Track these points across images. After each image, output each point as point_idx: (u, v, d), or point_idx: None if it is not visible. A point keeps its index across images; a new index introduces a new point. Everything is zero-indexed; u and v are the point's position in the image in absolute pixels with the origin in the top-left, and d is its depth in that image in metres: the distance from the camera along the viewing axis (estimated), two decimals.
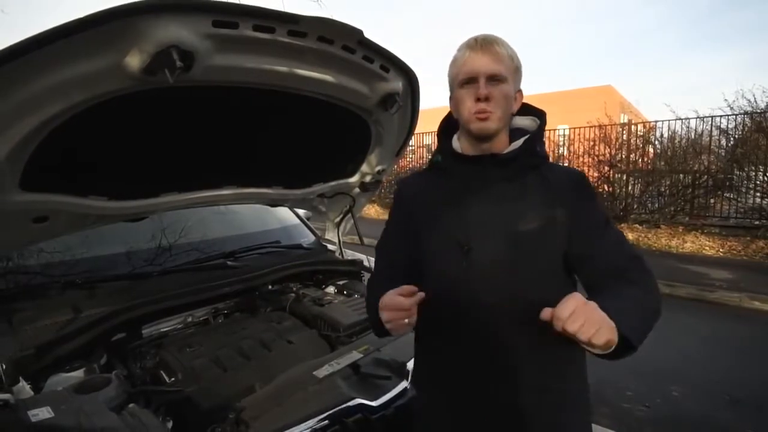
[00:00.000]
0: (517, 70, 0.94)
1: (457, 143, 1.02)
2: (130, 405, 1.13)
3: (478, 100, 0.90)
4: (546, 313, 0.75)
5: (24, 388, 1.17)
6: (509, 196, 0.94)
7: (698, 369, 3.16)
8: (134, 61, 1.01)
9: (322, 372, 1.31)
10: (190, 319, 1.73)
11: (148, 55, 1.00)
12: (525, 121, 1.04)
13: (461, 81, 0.93)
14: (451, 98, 0.99)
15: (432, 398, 1.05)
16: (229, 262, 1.97)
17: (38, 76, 0.97)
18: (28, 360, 1.24)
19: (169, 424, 1.17)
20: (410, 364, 1.41)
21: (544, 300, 0.79)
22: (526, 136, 0.99)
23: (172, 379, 1.36)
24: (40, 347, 1.27)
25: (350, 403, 1.18)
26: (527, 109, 1.04)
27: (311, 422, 1.10)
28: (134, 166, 1.44)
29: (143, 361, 1.46)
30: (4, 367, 1.17)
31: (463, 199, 0.97)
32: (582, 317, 0.71)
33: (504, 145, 0.98)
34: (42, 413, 1.00)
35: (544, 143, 1.02)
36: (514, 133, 1.01)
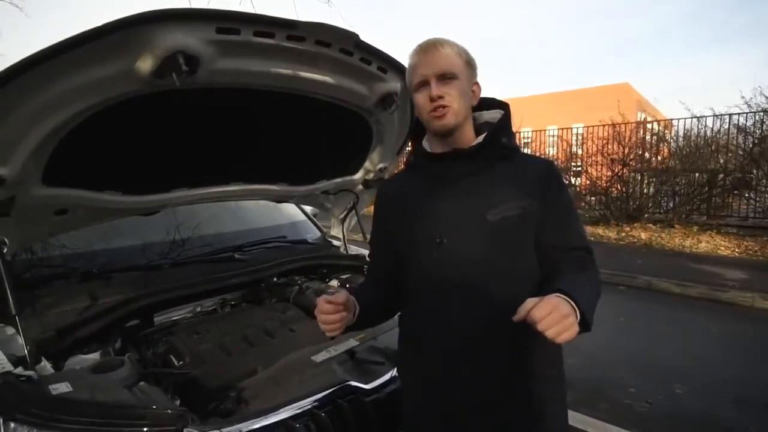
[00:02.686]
0: (467, 65, 0.98)
1: (427, 143, 1.07)
2: (141, 383, 1.22)
3: (432, 100, 0.95)
4: (520, 315, 0.77)
5: (46, 366, 1.27)
6: (478, 189, 0.98)
7: (705, 368, 3.15)
8: (144, 65, 1.10)
9: (320, 357, 1.39)
10: (199, 309, 1.83)
11: (157, 60, 1.09)
12: (493, 115, 1.07)
13: (416, 85, 0.98)
14: (413, 103, 1.03)
15: (409, 385, 1.11)
16: (237, 256, 2.06)
17: (61, 79, 1.07)
18: (49, 342, 1.34)
19: (177, 402, 1.26)
20: None
21: (517, 291, 0.87)
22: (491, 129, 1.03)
23: (181, 362, 1.45)
24: (61, 331, 1.38)
25: (343, 385, 1.25)
26: (493, 103, 1.08)
27: (306, 401, 1.18)
28: (147, 164, 1.53)
29: (154, 346, 1.56)
30: (28, 348, 1.27)
31: (434, 194, 1.01)
32: (555, 318, 0.73)
33: (470, 140, 1.02)
34: (61, 387, 1.10)
35: (513, 135, 1.06)
36: (483, 128, 1.04)
